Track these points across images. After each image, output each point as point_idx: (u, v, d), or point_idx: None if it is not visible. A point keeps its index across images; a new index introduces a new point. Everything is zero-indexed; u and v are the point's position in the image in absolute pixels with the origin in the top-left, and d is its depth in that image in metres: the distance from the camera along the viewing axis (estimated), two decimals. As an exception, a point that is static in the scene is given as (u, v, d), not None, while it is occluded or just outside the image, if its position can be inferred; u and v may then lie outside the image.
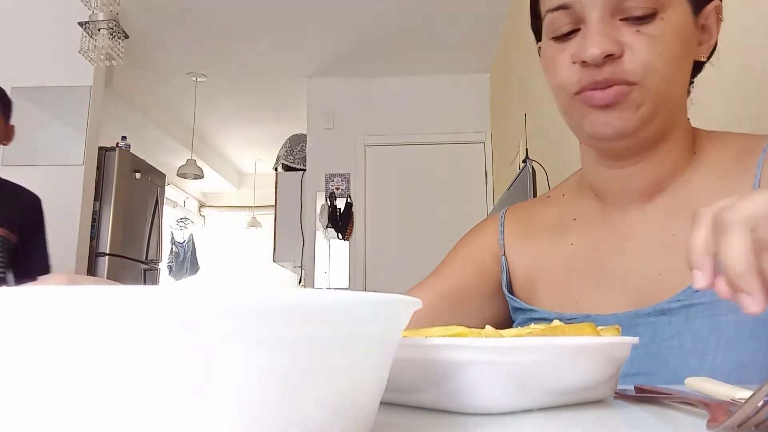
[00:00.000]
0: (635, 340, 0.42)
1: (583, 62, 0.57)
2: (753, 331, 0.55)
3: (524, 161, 2.25)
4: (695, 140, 0.64)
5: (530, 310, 0.70)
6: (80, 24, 3.01)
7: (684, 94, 0.63)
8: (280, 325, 0.22)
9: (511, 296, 0.73)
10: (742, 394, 0.35)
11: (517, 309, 0.72)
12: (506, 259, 0.74)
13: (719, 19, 0.62)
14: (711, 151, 0.63)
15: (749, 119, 1.00)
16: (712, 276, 0.37)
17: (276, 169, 5.04)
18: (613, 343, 0.40)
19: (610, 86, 0.57)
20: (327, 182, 4.44)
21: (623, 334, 0.62)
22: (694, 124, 0.66)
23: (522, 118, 2.96)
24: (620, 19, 0.57)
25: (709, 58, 0.64)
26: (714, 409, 0.32)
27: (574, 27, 0.60)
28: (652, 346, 0.59)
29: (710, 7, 0.61)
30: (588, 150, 0.67)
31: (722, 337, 0.56)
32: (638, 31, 0.56)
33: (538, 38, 0.69)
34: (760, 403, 0.28)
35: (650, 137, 0.61)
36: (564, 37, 0.61)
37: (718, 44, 0.64)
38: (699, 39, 0.61)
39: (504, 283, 0.74)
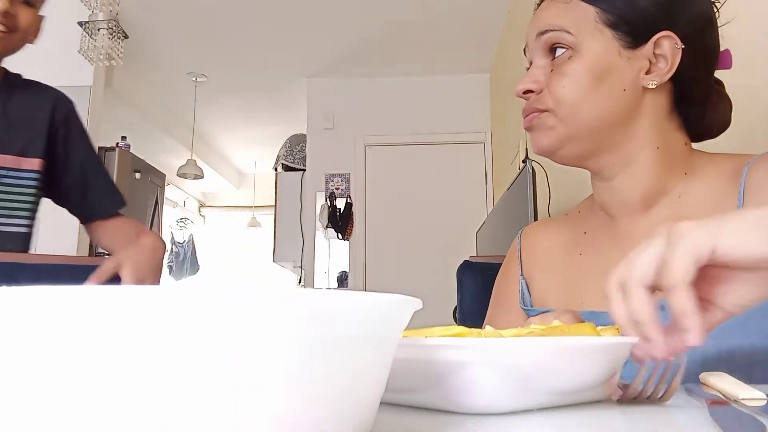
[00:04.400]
0: (635, 339, 0.42)
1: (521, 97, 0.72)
2: (739, 321, 0.60)
3: (524, 161, 2.25)
4: (691, 161, 0.71)
5: (545, 312, 0.73)
6: (80, 24, 3.01)
7: (626, 118, 0.68)
8: (284, 326, 0.22)
9: (528, 308, 0.79)
10: (745, 393, 0.36)
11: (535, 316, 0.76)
12: (524, 279, 0.82)
13: (675, 48, 0.66)
14: (707, 170, 0.69)
15: (746, 142, 1.01)
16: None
17: (276, 169, 5.04)
18: (613, 343, 0.40)
19: (529, 114, 0.71)
20: (327, 182, 4.44)
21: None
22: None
23: (522, 118, 2.95)
24: (552, 60, 0.70)
25: (693, 89, 0.69)
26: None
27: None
28: None
29: (656, 37, 0.66)
30: None
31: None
32: (553, 70, 0.69)
33: None
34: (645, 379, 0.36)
35: (583, 154, 0.70)
36: None
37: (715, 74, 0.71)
38: (645, 68, 0.67)
39: (522, 299, 0.81)
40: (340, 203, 4.35)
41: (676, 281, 0.39)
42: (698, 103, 0.71)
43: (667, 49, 0.67)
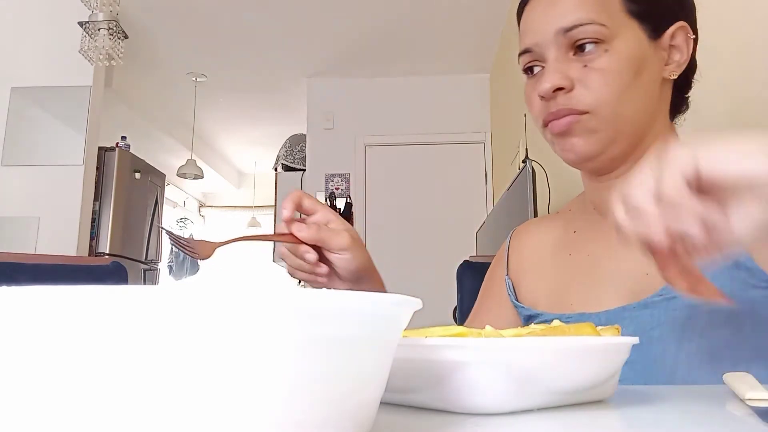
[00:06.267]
0: (635, 340, 0.42)
1: (542, 96, 0.65)
2: (726, 320, 0.59)
3: (524, 161, 2.25)
4: None
5: (537, 314, 0.75)
6: (80, 24, 3.01)
7: (653, 112, 0.67)
8: (284, 326, 0.22)
9: (521, 305, 0.78)
10: (752, 393, 0.36)
11: (527, 317, 0.77)
12: (510, 279, 0.81)
13: (689, 38, 0.67)
14: None
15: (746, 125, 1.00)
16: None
17: (276, 169, 5.04)
18: (613, 343, 0.40)
19: (564, 116, 0.64)
20: (327, 182, 4.44)
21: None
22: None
23: (522, 118, 2.96)
24: (573, 55, 0.65)
25: (689, 75, 0.70)
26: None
27: (540, 65, 0.68)
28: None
29: (673, 28, 0.66)
30: None
31: (697, 326, 0.60)
32: (586, 66, 0.64)
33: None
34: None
35: (617, 156, 0.67)
36: (533, 75, 0.69)
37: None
38: (665, 59, 0.66)
39: (511, 297, 0.80)
40: (340, 203, 4.35)
41: (674, 194, 0.38)
42: (686, 91, 0.71)
43: (681, 39, 0.67)
